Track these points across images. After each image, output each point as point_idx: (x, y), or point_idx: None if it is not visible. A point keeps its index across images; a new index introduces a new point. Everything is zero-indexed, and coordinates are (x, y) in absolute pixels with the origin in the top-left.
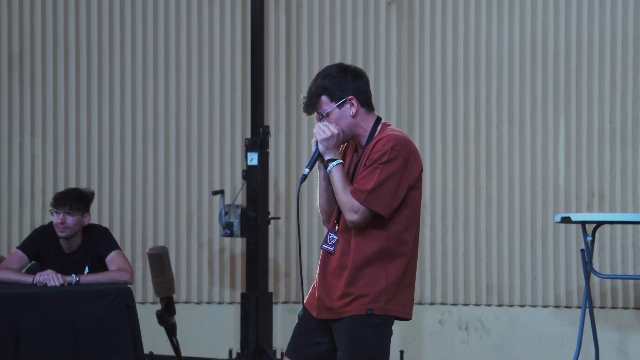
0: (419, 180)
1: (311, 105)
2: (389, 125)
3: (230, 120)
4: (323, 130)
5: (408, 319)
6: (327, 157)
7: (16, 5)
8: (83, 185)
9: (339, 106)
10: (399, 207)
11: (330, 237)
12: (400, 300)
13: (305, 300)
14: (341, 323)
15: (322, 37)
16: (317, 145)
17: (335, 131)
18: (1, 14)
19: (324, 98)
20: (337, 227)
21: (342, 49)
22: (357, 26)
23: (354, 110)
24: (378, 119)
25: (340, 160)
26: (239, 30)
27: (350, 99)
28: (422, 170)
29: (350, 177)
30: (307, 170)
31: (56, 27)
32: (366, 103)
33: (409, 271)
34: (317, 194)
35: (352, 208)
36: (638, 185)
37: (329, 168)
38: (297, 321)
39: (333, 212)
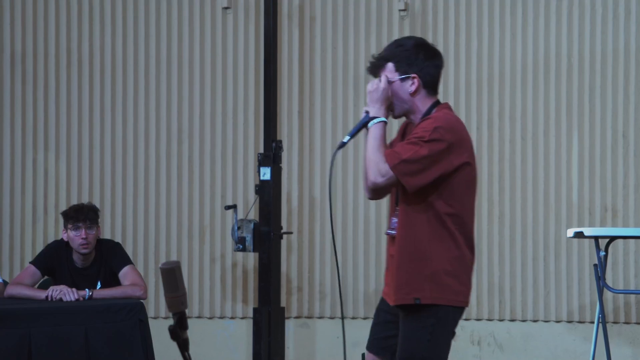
0: (462, 167)
1: (376, 66)
2: (446, 108)
3: (243, 135)
4: (371, 84)
5: (463, 306)
6: (371, 112)
7: (30, 20)
8: (95, 200)
9: (402, 80)
10: (444, 192)
11: (393, 221)
12: (452, 288)
13: (383, 291)
14: (401, 319)
15: (335, 52)
16: (365, 113)
17: (382, 85)
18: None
19: (389, 65)
20: (396, 210)
21: (355, 63)
22: (370, 41)
23: (413, 88)
24: (437, 102)
25: (384, 119)
26: (252, 45)
27: (413, 77)
28: (465, 161)
29: None
30: (347, 137)
31: (70, 42)
32: (430, 85)
33: (460, 258)
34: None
35: (380, 170)
36: None
37: (370, 124)
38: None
39: None
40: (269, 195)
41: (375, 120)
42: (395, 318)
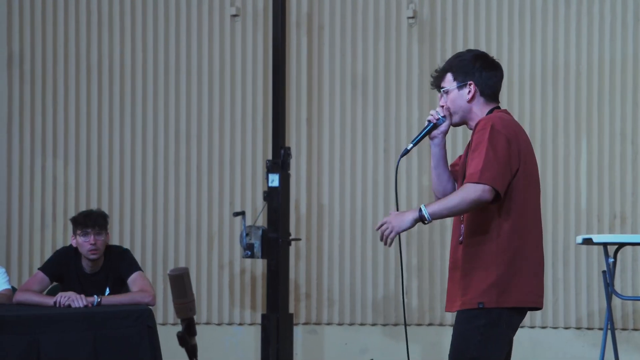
0: (524, 163)
1: (437, 78)
2: (503, 112)
3: (251, 142)
4: (393, 216)
5: (536, 308)
6: (409, 224)
7: (39, 26)
8: (104, 207)
9: (459, 88)
10: (510, 194)
11: (462, 226)
12: (519, 289)
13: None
14: (456, 317)
15: (344, 59)
16: (427, 122)
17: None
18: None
19: (448, 76)
20: (462, 217)
21: (363, 70)
22: (379, 48)
23: (470, 95)
24: (494, 109)
25: (422, 206)
26: (260, 52)
27: (469, 84)
28: (524, 153)
29: (462, 168)
30: (410, 145)
31: (79, 49)
32: (487, 94)
33: (525, 260)
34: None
35: (470, 191)
36: None
37: (427, 217)
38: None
39: (445, 191)
40: (277, 201)
41: (424, 212)
42: None
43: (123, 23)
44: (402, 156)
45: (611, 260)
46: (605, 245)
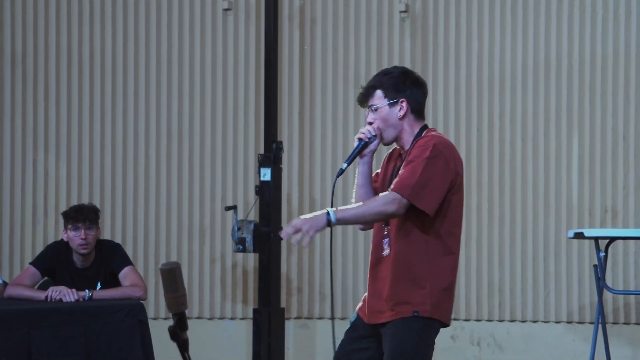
0: (458, 185)
1: (365, 95)
2: (434, 130)
3: (243, 136)
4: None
5: (448, 325)
6: (324, 224)
7: (31, 21)
8: (96, 201)
9: (390, 105)
10: (443, 210)
11: (384, 241)
12: (445, 306)
13: (358, 307)
14: (388, 326)
15: (336, 53)
16: (359, 141)
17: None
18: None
19: (378, 92)
20: (386, 231)
21: (355, 65)
22: (371, 42)
23: (402, 112)
24: (425, 126)
25: (329, 209)
26: (252, 46)
27: (401, 102)
28: (460, 175)
29: (388, 183)
30: (345, 165)
31: (70, 43)
32: (416, 110)
33: (450, 278)
34: (354, 191)
35: (389, 201)
36: None
37: (333, 220)
38: (329, 335)
39: None
40: (269, 196)
41: (331, 215)
42: (370, 332)
43: (115, 17)
44: (337, 176)
45: (602, 254)
46: (596, 239)
